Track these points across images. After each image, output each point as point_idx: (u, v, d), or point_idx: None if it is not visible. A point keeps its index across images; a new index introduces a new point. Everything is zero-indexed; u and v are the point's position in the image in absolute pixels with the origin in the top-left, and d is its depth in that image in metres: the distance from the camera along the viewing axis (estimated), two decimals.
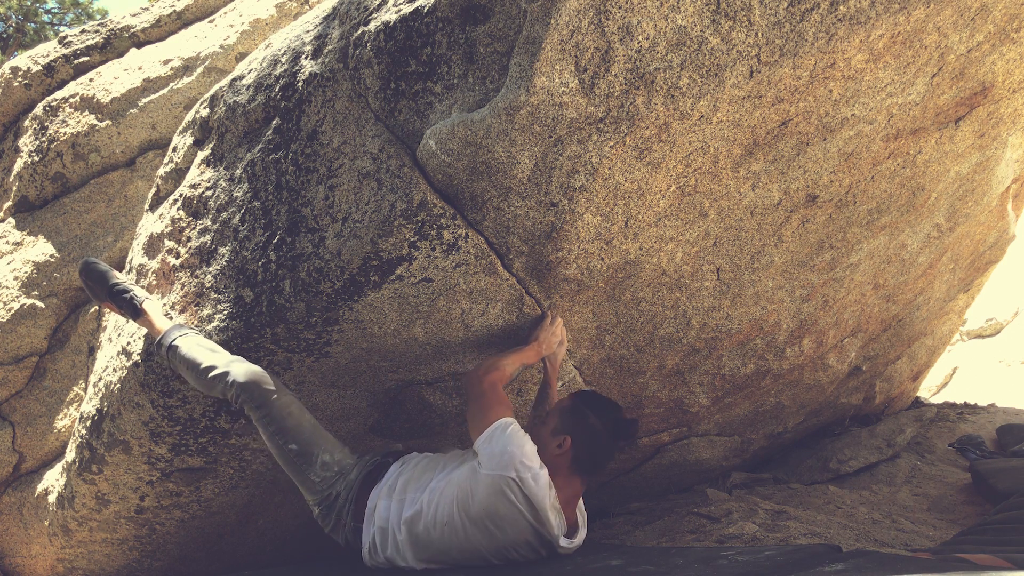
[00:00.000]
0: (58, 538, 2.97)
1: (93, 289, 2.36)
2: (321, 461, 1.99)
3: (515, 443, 1.78)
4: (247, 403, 1.97)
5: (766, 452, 3.68)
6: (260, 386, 1.96)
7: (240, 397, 1.97)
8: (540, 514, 1.77)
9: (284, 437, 1.98)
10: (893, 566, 1.43)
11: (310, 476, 1.99)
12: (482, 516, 1.78)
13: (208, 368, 1.99)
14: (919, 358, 4.15)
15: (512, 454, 1.76)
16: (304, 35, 2.08)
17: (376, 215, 1.84)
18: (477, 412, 1.90)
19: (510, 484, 1.74)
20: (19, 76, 4.24)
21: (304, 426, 2.00)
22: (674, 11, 1.60)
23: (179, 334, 2.08)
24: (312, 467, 1.98)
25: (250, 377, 1.97)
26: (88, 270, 2.35)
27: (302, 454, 1.98)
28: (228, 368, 1.98)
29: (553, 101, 1.64)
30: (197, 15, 4.53)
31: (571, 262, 2.01)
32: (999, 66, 2.19)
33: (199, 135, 2.41)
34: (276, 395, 1.98)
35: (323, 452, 2.00)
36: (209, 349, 2.03)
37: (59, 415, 3.69)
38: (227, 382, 1.97)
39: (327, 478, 2.00)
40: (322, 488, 2.00)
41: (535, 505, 1.76)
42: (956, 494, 3.20)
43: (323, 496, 2.01)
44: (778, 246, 2.35)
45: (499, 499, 1.75)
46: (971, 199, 2.87)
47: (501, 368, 2.00)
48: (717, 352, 2.65)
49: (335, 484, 2.00)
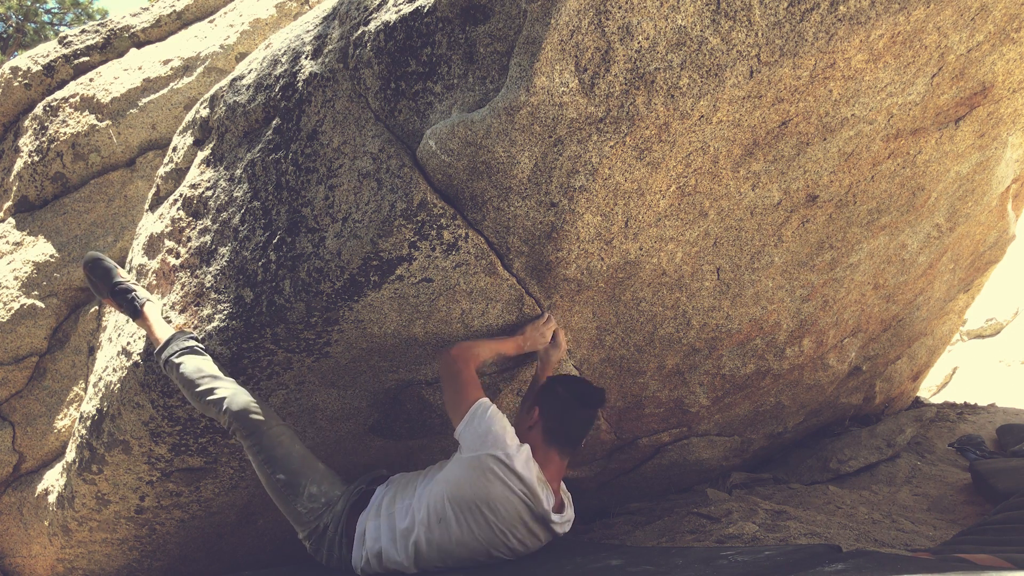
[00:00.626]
0: (58, 538, 2.97)
1: (96, 285, 2.37)
2: (308, 493, 2.02)
3: (496, 423, 1.82)
4: (239, 431, 2.03)
5: (766, 452, 3.68)
6: (251, 417, 2.01)
7: (232, 425, 2.02)
8: (529, 487, 1.80)
9: (272, 467, 2.01)
10: (893, 566, 1.43)
11: (297, 507, 2.02)
12: (473, 500, 1.80)
13: (205, 391, 2.03)
14: (919, 358, 4.15)
15: (494, 433, 1.80)
16: (304, 35, 2.08)
17: (376, 215, 1.84)
18: (452, 394, 1.93)
19: (494, 462, 1.77)
20: (19, 76, 4.24)
21: (293, 456, 2.04)
22: (674, 11, 1.60)
23: (179, 348, 2.08)
24: (299, 498, 2.01)
25: (243, 407, 2.01)
26: (93, 265, 2.36)
27: (289, 484, 2.01)
28: (223, 395, 2.02)
29: (553, 101, 1.64)
30: (197, 15, 4.53)
31: (571, 262, 2.01)
32: (999, 66, 2.19)
33: (199, 135, 2.41)
34: (267, 426, 2.02)
35: (310, 484, 2.03)
36: (209, 374, 2.05)
37: (59, 415, 3.69)
38: (221, 409, 2.02)
39: (314, 509, 2.02)
40: (309, 520, 2.02)
41: (522, 479, 1.79)
42: (956, 494, 3.20)
43: (311, 528, 2.03)
44: (778, 246, 2.35)
45: (485, 478, 1.78)
46: (971, 199, 2.87)
47: (474, 351, 2.03)
48: (717, 352, 2.65)
49: (322, 516, 2.03)
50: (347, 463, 2.65)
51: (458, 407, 1.89)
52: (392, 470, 2.28)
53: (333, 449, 2.56)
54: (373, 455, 2.66)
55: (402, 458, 2.71)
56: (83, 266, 2.40)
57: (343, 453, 2.61)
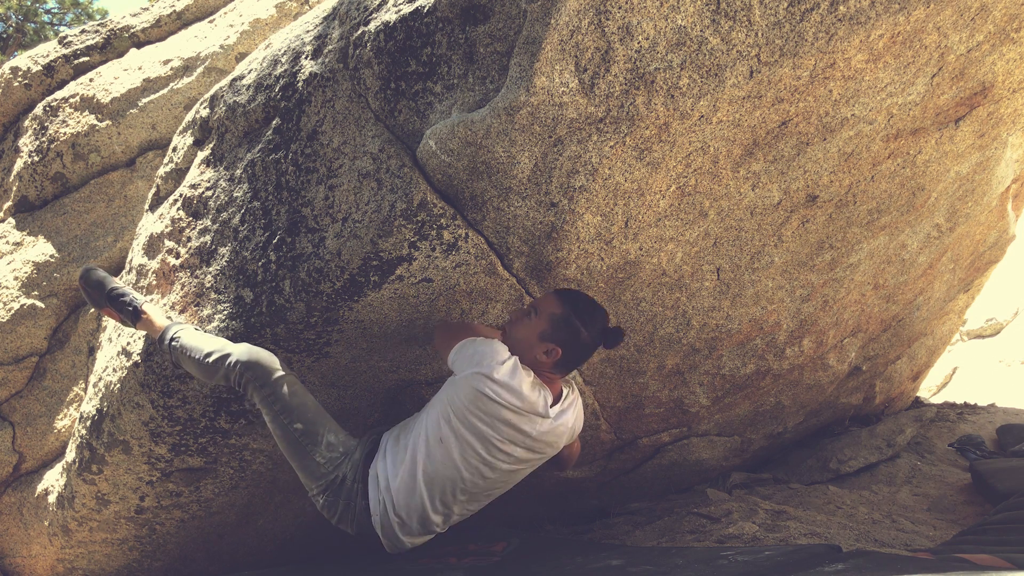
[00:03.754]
0: (58, 538, 2.97)
1: (92, 296, 2.36)
2: (327, 441, 1.96)
3: (484, 345, 1.85)
4: (250, 383, 1.93)
5: (766, 452, 3.68)
6: (263, 364, 1.93)
7: (243, 376, 1.92)
8: (521, 396, 1.82)
9: (289, 416, 1.94)
10: (893, 566, 1.44)
11: (315, 458, 1.95)
12: (466, 415, 1.83)
13: (209, 353, 1.97)
14: (919, 358, 4.15)
15: (482, 352, 1.83)
16: (304, 35, 2.08)
17: (376, 215, 1.84)
18: (445, 339, 1.97)
19: (484, 378, 1.79)
20: (19, 76, 4.23)
21: (308, 405, 1.98)
22: (674, 11, 1.60)
23: (178, 328, 2.10)
24: (317, 447, 1.95)
25: (252, 355, 1.94)
26: (87, 277, 2.35)
27: (307, 433, 1.94)
28: (230, 349, 1.96)
29: (553, 101, 1.64)
30: (197, 15, 4.53)
31: (571, 262, 2.01)
32: (999, 66, 2.19)
33: (199, 135, 2.41)
34: (280, 373, 1.95)
35: (328, 432, 1.98)
36: (210, 339, 2.03)
37: (59, 415, 3.69)
38: (229, 363, 1.93)
39: (332, 459, 1.96)
40: (327, 471, 1.96)
41: (513, 389, 1.81)
42: (956, 494, 3.20)
43: (328, 481, 1.96)
44: (778, 246, 2.35)
45: (478, 394, 1.80)
46: (971, 199, 2.87)
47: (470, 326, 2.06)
48: (717, 352, 2.65)
49: (341, 466, 1.97)
50: None
51: (451, 342, 1.92)
52: None
53: None
54: None
55: None
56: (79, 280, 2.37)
57: None
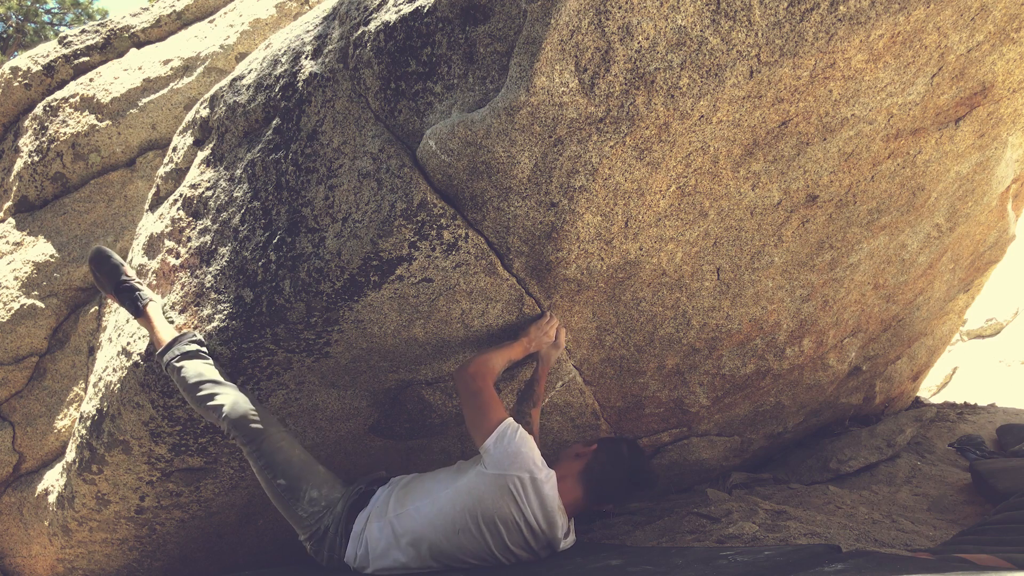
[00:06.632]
0: (58, 538, 2.97)
1: (100, 280, 2.37)
2: (309, 497, 2.04)
3: (526, 445, 1.87)
4: (238, 438, 2.04)
5: (766, 452, 3.68)
6: (251, 425, 2.02)
7: (232, 432, 2.03)
8: (549, 514, 1.86)
9: (273, 472, 2.03)
10: (893, 566, 1.44)
11: (298, 511, 2.04)
12: (494, 517, 1.85)
13: (206, 397, 2.05)
14: (919, 358, 4.15)
15: (525, 455, 1.85)
16: (304, 35, 2.08)
17: (376, 215, 1.84)
18: (475, 413, 1.96)
19: (520, 483, 1.82)
20: (19, 76, 4.23)
21: (293, 461, 2.06)
22: (674, 11, 1.60)
23: (181, 352, 2.08)
24: (299, 502, 2.03)
25: (242, 415, 2.02)
26: (99, 260, 2.35)
27: (290, 489, 2.03)
28: (222, 403, 2.03)
29: (553, 101, 1.64)
30: (197, 15, 4.53)
31: (571, 262, 2.01)
32: (999, 66, 2.19)
33: (199, 135, 2.41)
34: (267, 432, 2.03)
35: (311, 488, 2.05)
36: (210, 379, 2.06)
37: (59, 415, 3.69)
38: (220, 415, 2.03)
39: (314, 513, 2.05)
40: (310, 523, 2.04)
41: (545, 504, 1.85)
42: (956, 494, 3.20)
43: (312, 531, 2.05)
44: (778, 246, 2.35)
45: (506, 498, 1.83)
46: (971, 199, 2.87)
47: (489, 365, 2.05)
48: (717, 352, 2.65)
49: (323, 519, 2.05)
50: (347, 463, 2.65)
51: (482, 426, 1.92)
52: (392, 471, 2.29)
53: (333, 449, 2.56)
54: (373, 455, 2.66)
55: (402, 458, 2.71)
56: (89, 260, 2.39)
57: (343, 453, 2.61)
